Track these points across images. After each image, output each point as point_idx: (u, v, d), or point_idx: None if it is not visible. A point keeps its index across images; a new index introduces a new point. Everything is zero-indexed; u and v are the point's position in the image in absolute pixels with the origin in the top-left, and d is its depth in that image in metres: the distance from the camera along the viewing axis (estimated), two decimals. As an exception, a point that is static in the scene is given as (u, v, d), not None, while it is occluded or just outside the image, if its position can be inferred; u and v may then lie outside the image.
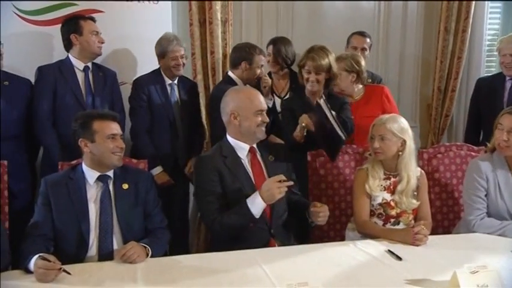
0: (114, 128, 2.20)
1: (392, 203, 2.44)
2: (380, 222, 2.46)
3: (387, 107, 3.04)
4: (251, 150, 2.41)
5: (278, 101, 3.38)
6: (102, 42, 3.03)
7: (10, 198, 2.73)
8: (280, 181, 2.16)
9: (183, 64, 3.23)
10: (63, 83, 2.98)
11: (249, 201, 2.21)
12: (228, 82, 3.16)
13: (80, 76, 3.03)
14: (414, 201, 2.46)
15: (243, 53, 3.19)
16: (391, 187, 2.47)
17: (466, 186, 2.54)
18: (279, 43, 3.47)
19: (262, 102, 2.40)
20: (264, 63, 3.28)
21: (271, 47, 3.48)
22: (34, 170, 3.06)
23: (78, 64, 3.03)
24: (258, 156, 2.44)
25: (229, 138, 2.42)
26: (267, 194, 2.17)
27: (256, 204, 2.19)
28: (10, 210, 2.50)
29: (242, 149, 2.40)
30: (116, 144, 2.17)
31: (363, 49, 3.54)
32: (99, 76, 3.07)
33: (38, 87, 2.97)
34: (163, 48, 3.16)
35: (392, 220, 2.45)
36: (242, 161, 2.38)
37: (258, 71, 3.21)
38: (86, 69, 3.04)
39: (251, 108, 2.35)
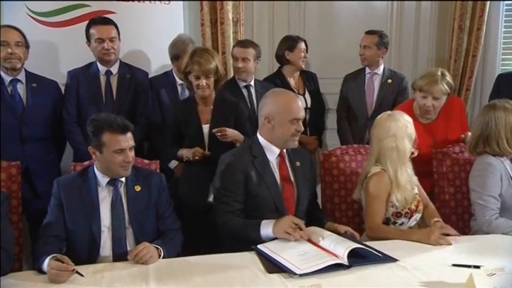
0: (123, 141, 2.14)
1: (411, 198, 2.42)
2: (406, 220, 2.43)
3: (464, 122, 3.07)
4: (281, 155, 2.37)
5: (301, 99, 3.48)
6: (107, 49, 2.98)
7: (35, 198, 2.79)
8: (297, 225, 2.10)
9: None
10: (86, 86, 3.03)
11: (263, 223, 2.17)
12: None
13: (103, 80, 3.06)
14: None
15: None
16: None
17: (477, 186, 2.51)
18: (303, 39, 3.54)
19: (301, 110, 2.32)
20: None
21: (303, 43, 3.52)
22: (59, 170, 3.09)
23: (101, 68, 3.06)
24: (287, 161, 2.40)
25: (260, 138, 2.38)
26: (278, 227, 2.12)
27: (266, 230, 2.15)
28: (34, 211, 2.53)
29: (272, 151, 2.36)
30: (123, 158, 2.14)
31: (365, 47, 3.52)
32: (125, 79, 3.08)
33: (65, 90, 3.06)
34: (179, 51, 3.16)
35: (414, 214, 2.44)
36: (271, 163, 2.35)
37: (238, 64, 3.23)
38: (107, 73, 3.07)
39: (287, 116, 2.27)
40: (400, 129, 2.38)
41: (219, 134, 2.69)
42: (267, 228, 2.15)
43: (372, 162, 2.45)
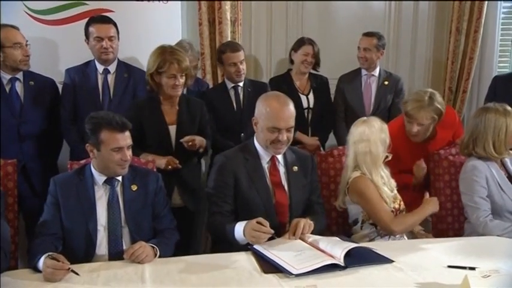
0: (121, 139, 2.14)
1: (392, 198, 2.47)
2: None
3: (458, 130, 3.03)
4: (272, 160, 2.34)
5: (304, 98, 3.49)
6: (105, 48, 2.97)
7: (32, 197, 2.79)
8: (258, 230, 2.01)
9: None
10: (83, 84, 3.02)
11: (238, 223, 2.11)
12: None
13: (100, 79, 3.05)
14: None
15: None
16: None
17: (465, 189, 2.53)
18: (314, 43, 3.51)
19: (284, 119, 2.21)
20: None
21: (310, 47, 3.48)
22: (57, 168, 3.08)
23: (99, 67, 3.05)
24: (279, 166, 2.35)
25: (255, 141, 2.35)
26: (245, 233, 2.05)
27: (238, 230, 2.10)
28: (32, 209, 2.54)
29: (264, 155, 2.33)
30: (121, 156, 2.14)
31: (365, 49, 3.51)
32: (122, 77, 3.07)
33: (63, 88, 3.06)
34: None
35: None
36: (263, 167, 2.32)
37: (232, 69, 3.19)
38: (105, 72, 3.06)
39: (266, 122, 2.22)
40: (374, 134, 2.42)
41: (189, 143, 2.65)
42: (239, 228, 2.10)
43: (351, 168, 2.48)
